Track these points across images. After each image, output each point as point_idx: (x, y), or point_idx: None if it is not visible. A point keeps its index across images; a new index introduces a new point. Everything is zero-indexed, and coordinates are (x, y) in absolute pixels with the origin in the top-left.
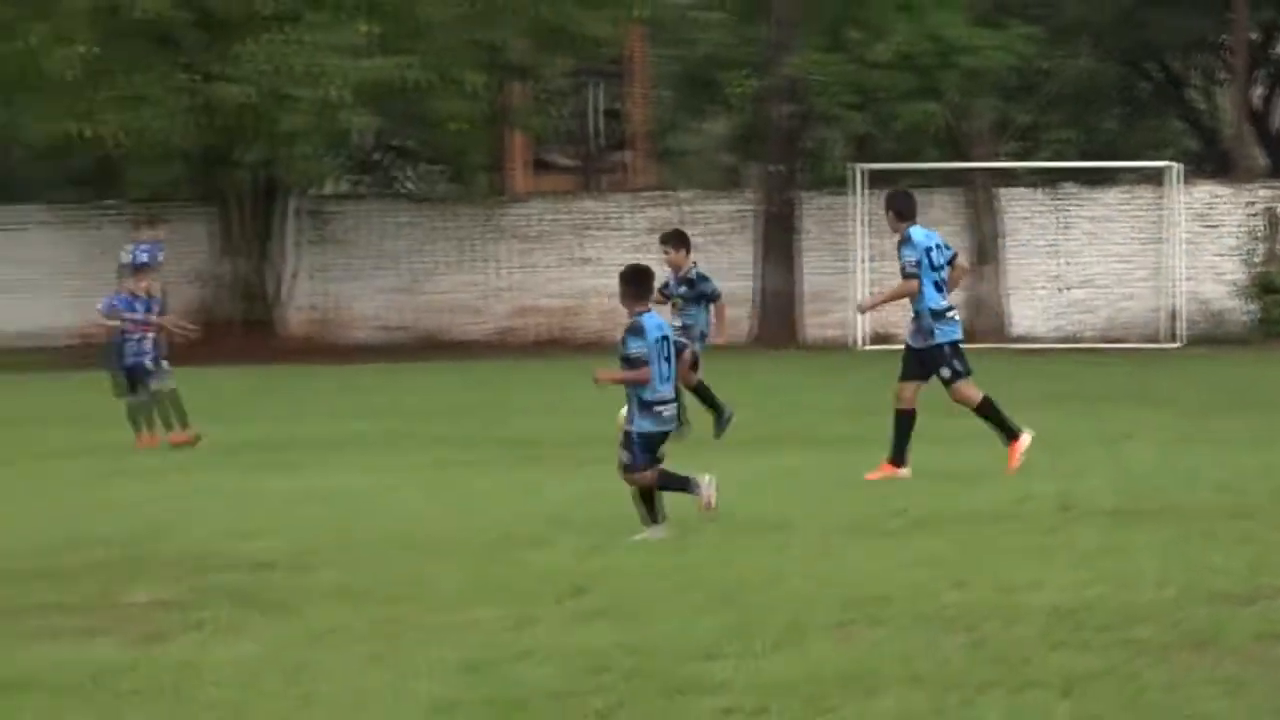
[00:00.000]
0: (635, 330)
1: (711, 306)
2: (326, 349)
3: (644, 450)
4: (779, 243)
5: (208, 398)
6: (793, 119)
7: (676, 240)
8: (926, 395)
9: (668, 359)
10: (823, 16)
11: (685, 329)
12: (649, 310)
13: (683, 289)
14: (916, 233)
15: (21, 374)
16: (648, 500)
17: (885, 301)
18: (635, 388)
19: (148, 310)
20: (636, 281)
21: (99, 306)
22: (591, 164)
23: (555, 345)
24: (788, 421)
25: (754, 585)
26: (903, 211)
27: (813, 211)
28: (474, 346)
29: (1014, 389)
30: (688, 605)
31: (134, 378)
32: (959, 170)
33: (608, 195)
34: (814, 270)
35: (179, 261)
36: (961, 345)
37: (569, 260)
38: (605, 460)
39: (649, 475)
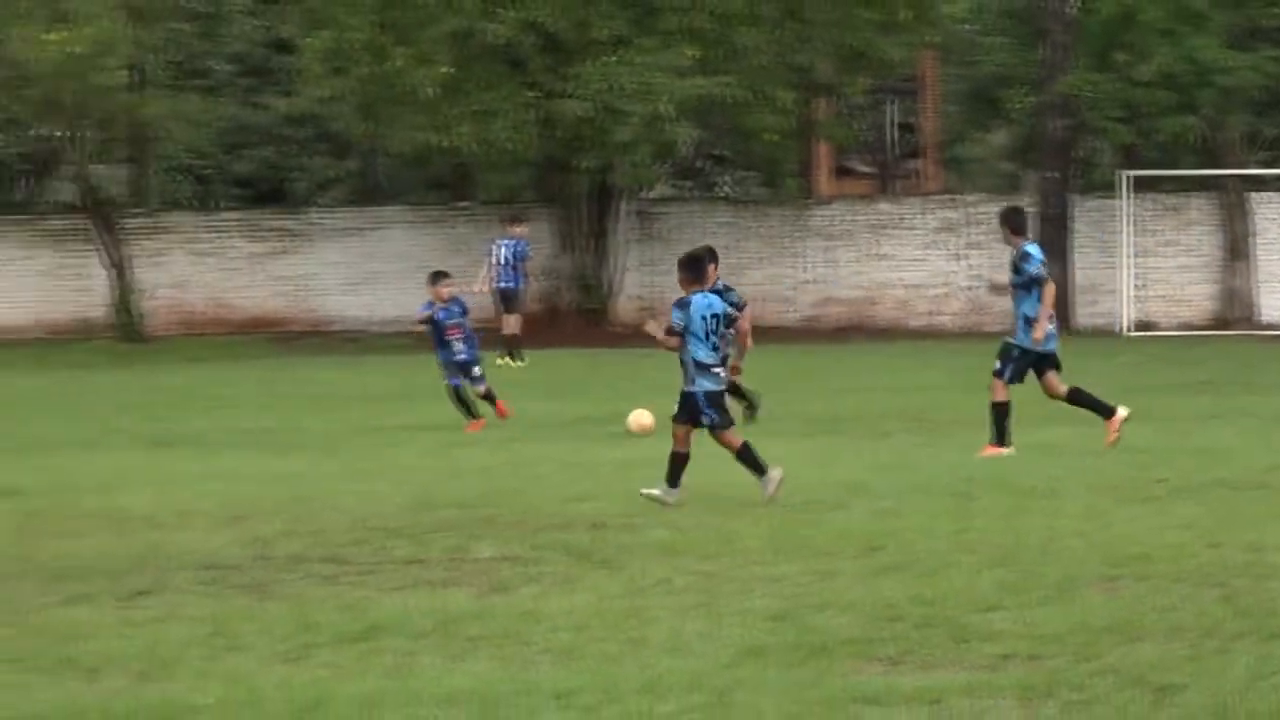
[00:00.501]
0: (681, 304)
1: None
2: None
3: (716, 407)
4: (1054, 241)
5: (548, 377)
6: (1066, 131)
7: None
8: (1165, 379)
9: (715, 332)
10: (1093, 41)
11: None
12: (702, 291)
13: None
14: (1032, 246)
15: (387, 355)
16: (748, 459)
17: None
18: (691, 353)
19: (456, 315)
20: (690, 268)
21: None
22: (887, 170)
23: (854, 331)
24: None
25: (1029, 545)
26: (1018, 226)
27: (1083, 213)
28: (783, 332)
29: (1266, 371)
30: (971, 562)
31: (464, 370)
32: (1214, 176)
33: (901, 198)
34: (1084, 265)
35: (531, 252)
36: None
37: (867, 256)
38: (900, 433)
39: (736, 434)
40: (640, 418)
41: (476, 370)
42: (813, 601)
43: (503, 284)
